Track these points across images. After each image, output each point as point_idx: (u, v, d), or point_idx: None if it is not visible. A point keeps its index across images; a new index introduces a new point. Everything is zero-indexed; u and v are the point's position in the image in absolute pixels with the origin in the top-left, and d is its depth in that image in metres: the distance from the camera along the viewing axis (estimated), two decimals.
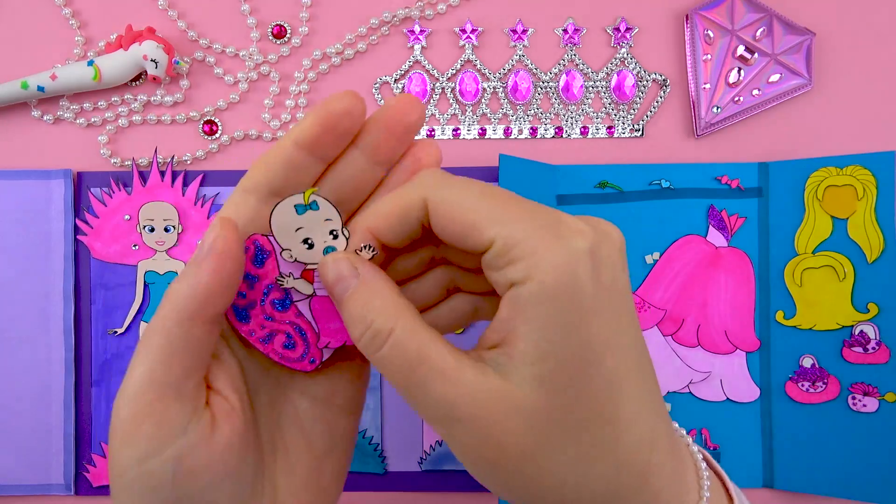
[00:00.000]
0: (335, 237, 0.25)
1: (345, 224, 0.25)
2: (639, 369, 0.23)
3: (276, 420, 0.26)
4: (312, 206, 0.24)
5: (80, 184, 0.49)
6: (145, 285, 0.49)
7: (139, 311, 0.49)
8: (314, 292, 0.25)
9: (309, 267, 0.25)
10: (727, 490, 0.26)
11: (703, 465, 0.25)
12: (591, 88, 0.50)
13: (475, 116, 0.50)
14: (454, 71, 0.50)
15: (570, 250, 0.21)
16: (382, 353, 0.22)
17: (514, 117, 0.50)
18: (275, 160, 0.25)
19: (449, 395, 0.22)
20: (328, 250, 0.25)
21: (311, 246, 0.24)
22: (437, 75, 0.50)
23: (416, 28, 0.50)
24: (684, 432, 0.27)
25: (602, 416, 0.22)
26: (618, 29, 0.50)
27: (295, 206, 0.24)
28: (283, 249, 0.24)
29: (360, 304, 0.23)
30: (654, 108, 0.50)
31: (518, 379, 0.21)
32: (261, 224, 0.25)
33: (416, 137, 0.27)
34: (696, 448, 0.26)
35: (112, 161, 0.49)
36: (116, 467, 0.22)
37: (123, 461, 0.22)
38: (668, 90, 0.49)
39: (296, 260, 0.25)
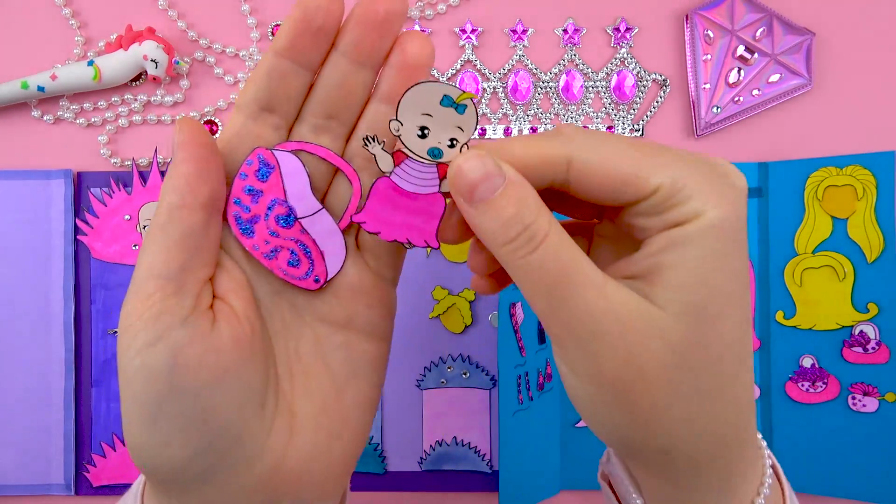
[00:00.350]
0: (451, 146, 0.23)
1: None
2: (749, 331, 0.23)
3: (293, 345, 0.25)
4: (460, 108, 0.22)
5: (80, 184, 0.49)
6: None
7: None
8: (390, 173, 0.24)
9: (397, 150, 0.23)
10: (782, 489, 0.27)
11: (765, 447, 0.27)
12: (591, 88, 0.50)
13: None
14: (454, 71, 0.50)
15: (735, 188, 0.22)
16: (535, 256, 0.21)
17: (514, 117, 0.50)
18: (258, 73, 0.24)
19: (599, 306, 0.21)
20: (433, 152, 0.23)
21: (423, 137, 0.23)
22: (436, 75, 0.50)
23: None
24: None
25: (735, 351, 0.22)
26: (618, 29, 0.50)
27: (445, 95, 0.22)
28: (394, 120, 0.23)
29: (514, 203, 0.21)
30: (654, 108, 0.50)
31: (666, 304, 0.21)
32: (251, 139, 0.25)
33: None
34: (760, 437, 0.27)
35: (112, 161, 0.49)
36: (120, 363, 0.22)
37: (126, 355, 0.21)
38: (668, 90, 0.50)
39: (398, 137, 0.23)
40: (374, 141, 0.23)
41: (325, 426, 0.25)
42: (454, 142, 0.23)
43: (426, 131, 0.23)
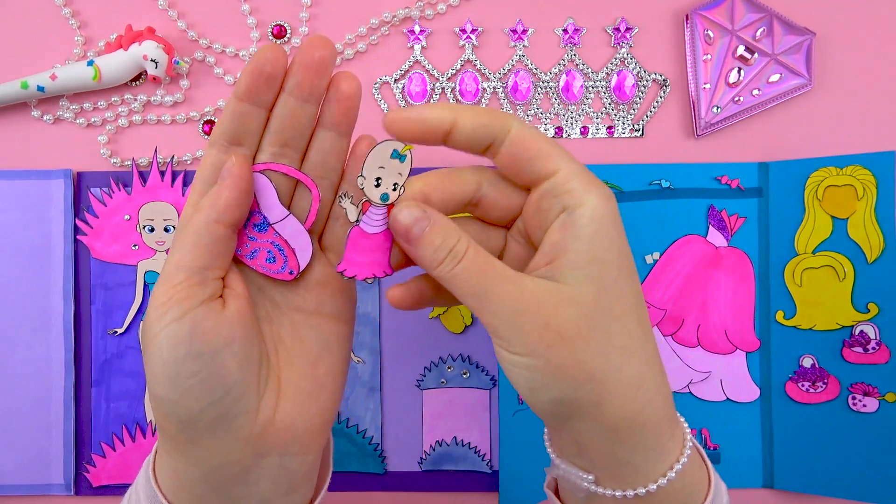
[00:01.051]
0: (394, 189, 0.30)
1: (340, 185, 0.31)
2: (643, 301, 0.30)
3: (275, 329, 0.32)
4: (402, 158, 0.29)
5: (80, 184, 0.49)
6: (145, 285, 0.49)
7: (139, 311, 0.49)
8: (358, 222, 0.30)
9: (365, 200, 0.30)
10: (708, 471, 0.31)
11: (689, 433, 0.31)
12: (591, 88, 0.50)
13: None
14: (454, 71, 0.50)
15: (608, 191, 0.29)
16: (460, 267, 0.28)
17: None
18: (226, 116, 0.30)
19: (515, 292, 0.28)
20: (384, 197, 0.30)
21: (378, 185, 0.30)
22: (437, 75, 0.50)
23: (416, 28, 0.50)
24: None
25: (634, 316, 0.28)
26: (618, 29, 0.50)
27: (393, 149, 0.29)
28: (360, 176, 0.29)
29: (439, 237, 0.28)
30: (654, 108, 0.50)
31: (570, 279, 0.28)
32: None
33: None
34: (685, 424, 0.31)
35: (112, 161, 0.49)
36: (149, 333, 0.28)
37: (156, 327, 0.28)
38: (668, 90, 0.50)
39: (363, 189, 0.30)
40: (344, 197, 0.31)
41: (304, 390, 0.31)
42: (396, 185, 0.30)
43: (379, 181, 0.29)
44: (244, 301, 0.30)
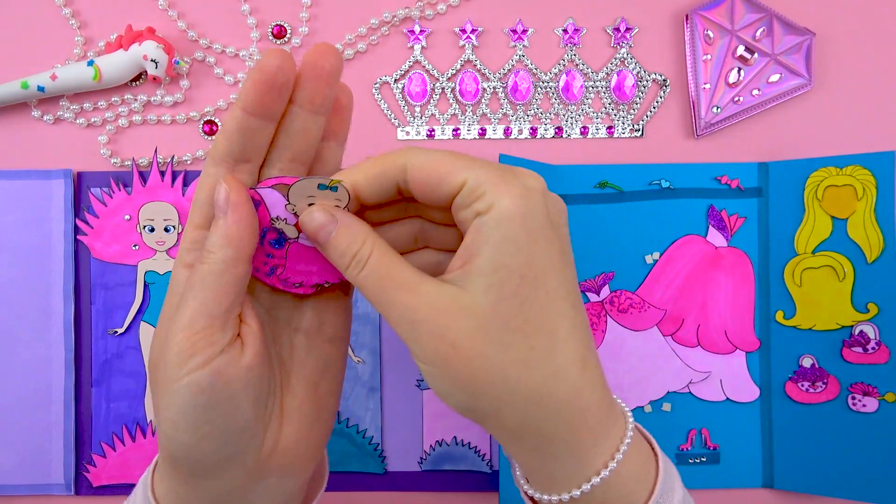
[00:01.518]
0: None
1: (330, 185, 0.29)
2: (573, 301, 0.28)
3: (278, 351, 0.31)
4: (333, 188, 0.29)
5: (80, 184, 0.49)
6: (145, 285, 0.49)
7: (139, 311, 0.49)
8: (297, 238, 0.30)
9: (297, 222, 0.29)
10: (655, 454, 0.30)
11: (631, 419, 0.30)
12: (591, 88, 0.50)
13: (475, 116, 0.50)
14: (454, 71, 0.50)
15: (525, 187, 0.27)
16: (363, 275, 0.28)
17: (514, 117, 0.50)
18: (231, 130, 0.28)
19: (411, 302, 0.27)
20: None
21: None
22: (437, 75, 0.50)
23: (416, 28, 0.50)
24: (620, 401, 0.31)
25: (541, 327, 0.27)
26: (618, 29, 0.50)
27: (319, 185, 0.28)
28: (289, 203, 0.29)
29: (343, 242, 0.28)
30: (654, 108, 0.50)
31: (472, 287, 0.27)
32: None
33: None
34: (627, 410, 0.30)
35: (112, 161, 0.49)
36: (167, 378, 0.27)
37: (176, 373, 0.27)
38: (668, 90, 0.50)
39: (294, 213, 0.29)
40: (278, 220, 0.29)
41: (306, 414, 0.31)
42: (338, 205, 0.29)
43: (312, 203, 0.29)
44: (260, 340, 0.29)
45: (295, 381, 0.31)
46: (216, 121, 0.49)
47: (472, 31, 0.49)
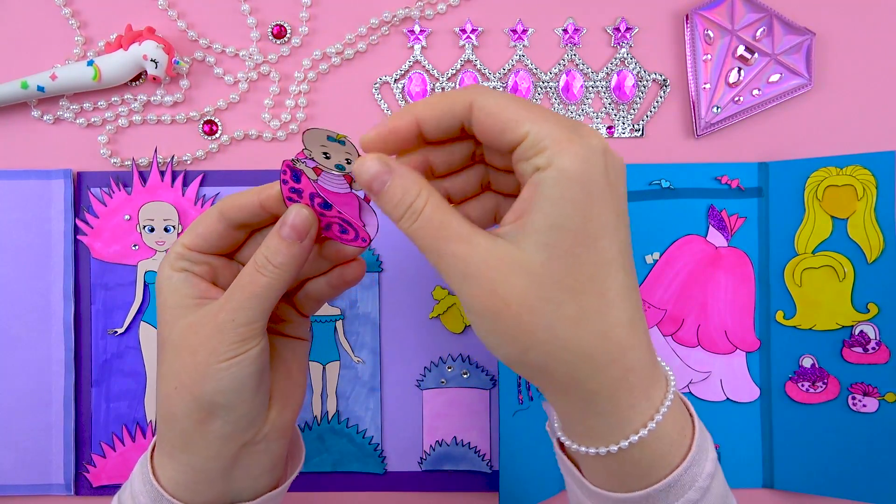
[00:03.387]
0: (349, 162, 0.31)
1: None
2: (624, 263, 0.28)
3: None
4: (341, 142, 0.30)
5: (80, 184, 0.49)
6: (145, 285, 0.49)
7: (139, 311, 0.49)
8: (317, 180, 0.31)
9: (319, 165, 0.31)
10: (692, 418, 0.31)
11: (674, 384, 0.30)
12: (591, 88, 0.50)
13: None
14: (454, 71, 0.50)
15: (588, 145, 0.27)
16: (416, 226, 0.28)
17: None
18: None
19: (464, 254, 0.27)
20: (339, 167, 0.31)
21: (328, 157, 0.31)
22: (437, 75, 0.50)
23: (416, 28, 0.50)
24: (665, 364, 0.32)
25: (592, 287, 0.27)
26: (618, 29, 0.50)
27: (328, 136, 0.30)
28: (305, 148, 0.30)
29: (399, 192, 0.29)
30: (654, 108, 0.50)
31: (526, 244, 0.27)
32: (226, 243, 0.34)
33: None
34: (671, 374, 0.31)
35: (112, 161, 0.49)
36: (197, 373, 0.31)
37: (206, 370, 0.31)
38: (668, 90, 0.50)
39: (311, 158, 0.31)
40: (298, 161, 0.31)
41: (283, 394, 0.35)
42: (349, 161, 0.31)
43: (328, 154, 0.31)
44: (267, 343, 0.33)
45: (273, 367, 0.35)
46: (216, 121, 0.49)
47: (472, 31, 0.49)
